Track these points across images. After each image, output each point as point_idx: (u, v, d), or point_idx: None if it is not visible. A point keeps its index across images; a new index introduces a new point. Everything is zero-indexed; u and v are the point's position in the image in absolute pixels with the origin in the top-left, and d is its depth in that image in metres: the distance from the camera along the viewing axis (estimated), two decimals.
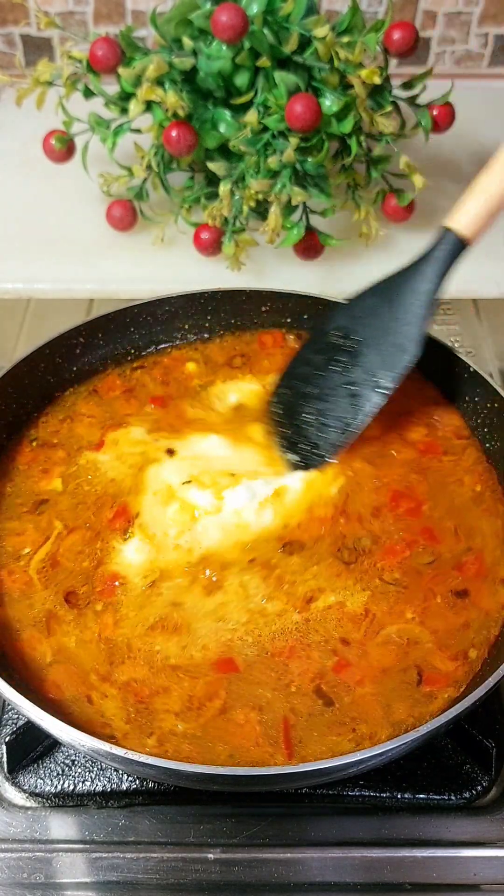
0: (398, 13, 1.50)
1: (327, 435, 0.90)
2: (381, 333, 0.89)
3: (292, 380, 0.94)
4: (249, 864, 0.73)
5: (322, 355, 0.92)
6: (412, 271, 0.88)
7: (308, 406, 0.91)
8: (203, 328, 1.04)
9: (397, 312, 0.88)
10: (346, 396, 0.89)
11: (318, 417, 0.91)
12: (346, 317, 0.92)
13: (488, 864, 0.74)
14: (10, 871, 0.73)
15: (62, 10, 1.50)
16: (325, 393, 0.91)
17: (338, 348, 0.91)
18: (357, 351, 0.90)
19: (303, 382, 0.93)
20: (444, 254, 0.86)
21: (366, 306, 0.90)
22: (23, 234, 1.28)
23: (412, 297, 0.87)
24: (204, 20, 1.10)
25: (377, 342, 0.89)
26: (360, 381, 0.89)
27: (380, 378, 0.88)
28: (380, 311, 0.89)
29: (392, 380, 0.88)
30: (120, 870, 0.73)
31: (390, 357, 0.88)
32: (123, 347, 1.02)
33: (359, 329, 0.90)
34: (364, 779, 0.76)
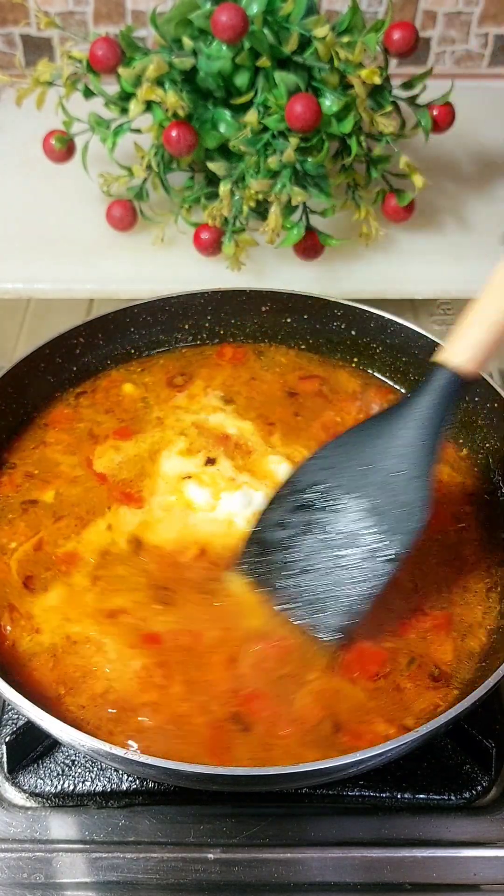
0: (398, 13, 1.50)
1: (327, 615, 0.75)
2: (377, 489, 0.74)
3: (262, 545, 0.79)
4: (249, 864, 0.73)
5: (298, 515, 0.77)
6: (407, 414, 0.73)
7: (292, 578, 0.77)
8: (203, 328, 1.04)
9: (394, 463, 0.73)
10: (338, 567, 0.74)
11: (310, 592, 0.75)
12: (323, 468, 0.77)
13: (488, 864, 0.74)
14: (10, 871, 0.73)
15: (62, 10, 1.50)
16: (311, 564, 0.76)
17: (317, 508, 0.76)
18: (346, 510, 0.74)
19: (278, 549, 0.77)
20: (444, 394, 0.73)
21: (350, 456, 0.76)
22: (23, 234, 1.28)
23: (410, 443, 0.73)
24: (204, 20, 1.10)
25: (372, 500, 0.74)
26: (359, 545, 0.74)
27: (387, 546, 0.73)
28: (366, 460, 0.74)
29: (404, 546, 0.73)
30: (120, 870, 0.73)
31: (395, 519, 0.73)
32: (124, 347, 1.02)
33: (344, 484, 0.75)
34: (364, 779, 0.76)
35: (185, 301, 1.02)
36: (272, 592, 0.78)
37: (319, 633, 0.75)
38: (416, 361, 0.99)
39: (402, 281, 1.22)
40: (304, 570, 0.76)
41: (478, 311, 0.73)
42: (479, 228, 1.30)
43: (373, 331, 1.00)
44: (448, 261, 1.25)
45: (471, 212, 1.32)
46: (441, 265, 1.24)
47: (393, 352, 1.00)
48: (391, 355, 1.01)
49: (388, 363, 1.01)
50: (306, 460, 0.79)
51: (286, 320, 1.04)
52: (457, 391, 0.73)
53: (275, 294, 1.02)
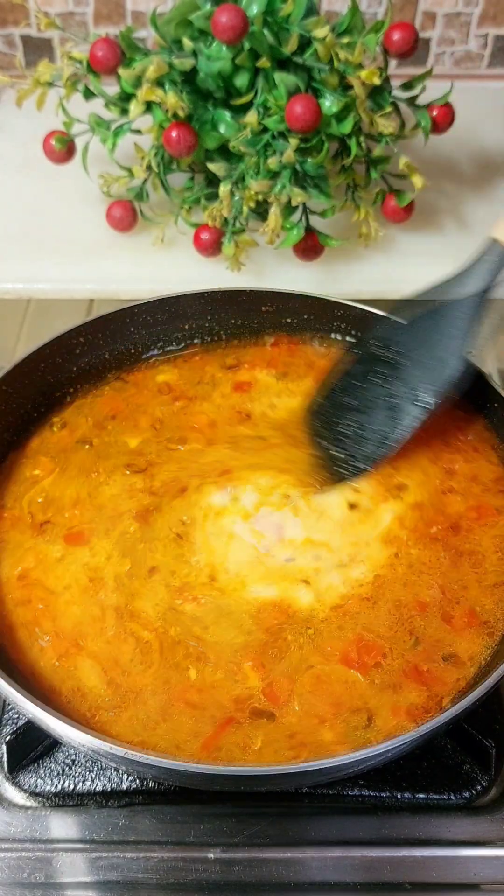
0: (398, 14, 1.51)
1: (365, 447, 0.86)
2: (423, 345, 0.85)
3: (332, 391, 0.91)
4: (249, 863, 0.73)
5: (362, 366, 0.89)
6: (457, 284, 0.84)
7: (347, 418, 0.88)
8: (203, 328, 1.04)
9: (440, 324, 0.84)
10: (386, 409, 0.86)
11: (357, 430, 0.87)
12: (388, 327, 0.89)
13: (488, 864, 0.74)
14: (11, 871, 0.73)
15: (62, 11, 1.51)
16: (364, 405, 0.87)
17: (378, 359, 0.87)
18: (397, 363, 0.86)
19: (342, 393, 0.90)
20: (492, 265, 0.83)
21: (409, 317, 0.88)
22: (23, 234, 1.28)
23: (456, 308, 0.84)
24: (204, 21, 1.10)
25: (419, 354, 0.85)
26: (399, 394, 0.86)
27: (420, 391, 0.85)
28: (422, 322, 0.85)
29: (433, 394, 0.84)
30: (120, 869, 0.73)
31: (431, 370, 0.84)
32: (125, 347, 1.02)
33: (400, 340, 0.87)
34: (364, 778, 0.76)
35: (186, 301, 1.02)
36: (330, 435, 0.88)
37: (356, 464, 0.85)
38: None
39: (401, 281, 1.21)
40: (359, 409, 0.87)
41: None
42: (479, 229, 1.30)
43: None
44: (447, 261, 1.23)
45: (470, 212, 1.32)
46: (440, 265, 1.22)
47: None
48: None
49: None
50: (375, 322, 0.91)
51: (287, 320, 1.04)
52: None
53: (276, 294, 1.02)
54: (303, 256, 1.20)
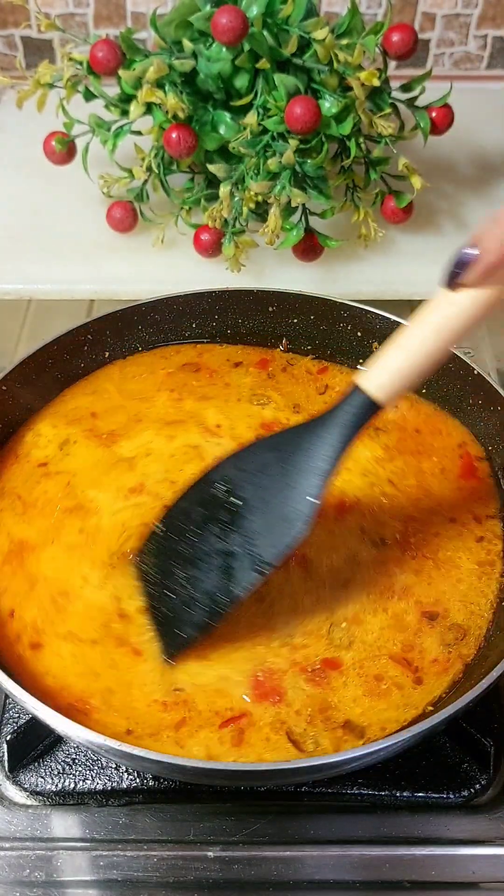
0: (397, 15, 1.51)
1: (192, 611, 0.75)
2: (268, 497, 0.74)
3: (167, 531, 0.79)
4: (249, 861, 0.73)
5: (202, 509, 0.77)
6: (313, 431, 0.73)
7: (178, 569, 0.77)
8: (209, 327, 1.04)
9: (290, 477, 0.73)
10: (220, 567, 0.74)
11: (187, 586, 0.76)
12: (235, 468, 0.77)
13: (486, 863, 0.74)
14: (11, 870, 0.73)
15: (63, 12, 1.51)
16: (197, 557, 0.76)
17: (220, 504, 0.76)
18: (239, 513, 0.75)
19: (176, 537, 0.78)
20: (350, 417, 0.72)
21: (258, 461, 0.76)
22: (24, 235, 1.29)
23: (308, 461, 0.72)
24: (204, 22, 1.10)
25: (263, 507, 0.74)
26: (237, 551, 0.74)
27: (259, 551, 0.73)
28: (271, 470, 0.74)
29: (273, 557, 0.73)
30: (120, 868, 0.73)
31: (275, 529, 0.73)
32: (132, 345, 1.02)
33: (245, 487, 0.75)
34: (363, 777, 0.77)
35: (193, 300, 1.03)
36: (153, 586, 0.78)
37: (182, 629, 0.75)
38: None
39: (400, 282, 1.22)
40: (191, 561, 0.76)
41: (402, 340, 0.70)
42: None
43: (379, 332, 1.00)
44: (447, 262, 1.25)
45: (469, 213, 1.32)
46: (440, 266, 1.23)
47: None
48: None
49: None
50: (226, 457, 0.78)
51: (292, 321, 1.04)
52: (367, 416, 0.72)
53: (282, 294, 1.03)
54: (302, 257, 1.21)
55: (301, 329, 1.04)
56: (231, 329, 1.05)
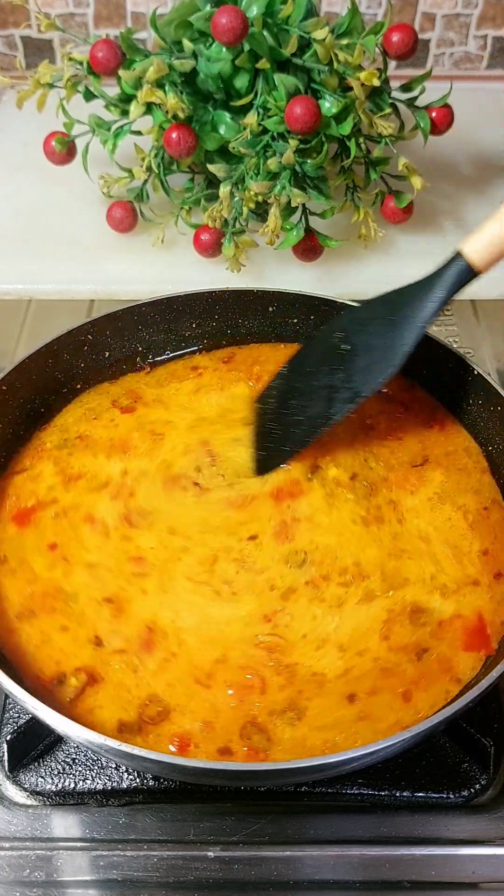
0: (397, 15, 1.51)
1: (296, 431, 0.89)
2: (374, 342, 0.87)
3: (290, 371, 0.94)
4: (249, 861, 0.73)
5: (319, 352, 0.91)
6: (418, 288, 0.85)
7: (292, 400, 0.91)
8: (210, 327, 1.05)
9: (394, 327, 0.86)
10: (325, 398, 0.88)
11: (295, 413, 0.90)
12: (350, 320, 0.91)
13: (486, 863, 0.74)
14: (11, 869, 0.73)
15: (63, 12, 1.51)
16: (308, 389, 0.90)
17: (334, 349, 0.90)
18: (348, 355, 0.88)
19: (295, 375, 0.92)
20: (450, 279, 0.84)
21: (370, 313, 0.89)
22: (24, 235, 1.29)
23: (411, 311, 0.85)
24: (204, 22, 1.10)
25: (368, 350, 0.87)
26: (339, 384, 0.88)
27: (357, 385, 0.87)
28: (379, 321, 0.87)
29: (369, 390, 0.87)
30: (120, 868, 0.73)
31: (374, 366, 0.87)
32: (132, 345, 1.03)
33: (357, 334, 0.89)
34: (363, 777, 0.77)
35: (194, 300, 1.03)
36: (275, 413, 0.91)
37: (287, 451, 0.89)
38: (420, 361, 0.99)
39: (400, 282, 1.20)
40: (303, 393, 0.90)
41: (499, 215, 0.80)
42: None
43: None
44: None
45: (469, 213, 1.32)
46: None
47: None
48: None
49: None
50: (345, 311, 0.94)
51: (292, 321, 1.04)
52: (465, 279, 0.83)
53: (282, 294, 1.03)
54: (302, 257, 1.21)
55: (301, 329, 1.04)
56: (231, 329, 1.05)
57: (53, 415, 0.97)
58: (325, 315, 1.02)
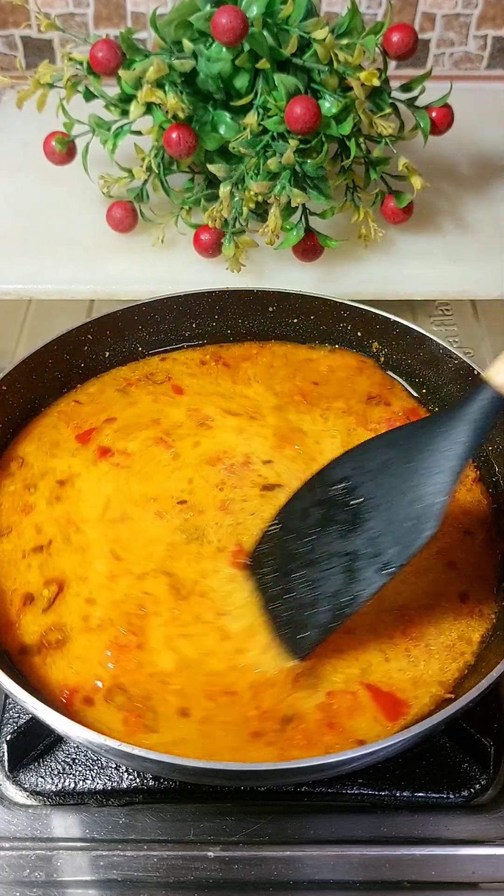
0: (397, 15, 1.51)
1: (316, 611, 0.73)
2: (392, 497, 0.71)
3: (284, 530, 0.78)
4: (249, 861, 0.73)
5: (319, 508, 0.75)
6: (439, 427, 0.70)
7: (297, 570, 0.75)
8: (210, 327, 1.05)
9: (417, 475, 0.70)
10: (342, 569, 0.72)
11: (307, 587, 0.74)
12: (353, 467, 0.75)
13: (486, 863, 0.74)
14: (11, 869, 0.73)
15: (63, 12, 1.51)
16: (317, 557, 0.74)
17: (339, 504, 0.74)
18: (360, 513, 0.72)
19: (294, 538, 0.76)
20: (481, 413, 0.69)
21: (378, 459, 0.73)
22: (24, 235, 1.29)
23: (436, 459, 0.69)
24: (204, 22, 1.10)
25: (388, 508, 0.71)
26: (361, 552, 0.71)
27: (386, 555, 0.70)
28: (394, 468, 0.71)
29: (402, 557, 0.70)
30: (120, 868, 0.73)
31: (401, 530, 0.70)
32: (132, 345, 1.03)
33: (366, 485, 0.73)
34: (363, 777, 0.77)
35: (193, 300, 1.03)
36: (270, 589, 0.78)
37: (308, 637, 0.74)
38: (420, 363, 0.99)
39: (400, 282, 1.22)
40: (312, 562, 0.74)
41: None
42: (478, 230, 1.30)
43: (379, 332, 1.01)
44: (446, 262, 1.25)
45: (469, 213, 1.32)
46: (439, 266, 1.24)
47: (398, 354, 1.01)
48: (397, 357, 1.01)
49: (394, 365, 1.02)
50: (341, 456, 0.77)
51: (292, 321, 1.04)
52: (497, 412, 0.70)
53: (282, 294, 1.03)
54: (302, 257, 1.21)
55: (301, 329, 1.04)
56: (231, 329, 1.05)
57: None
58: (326, 315, 1.02)
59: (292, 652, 0.75)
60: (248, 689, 0.74)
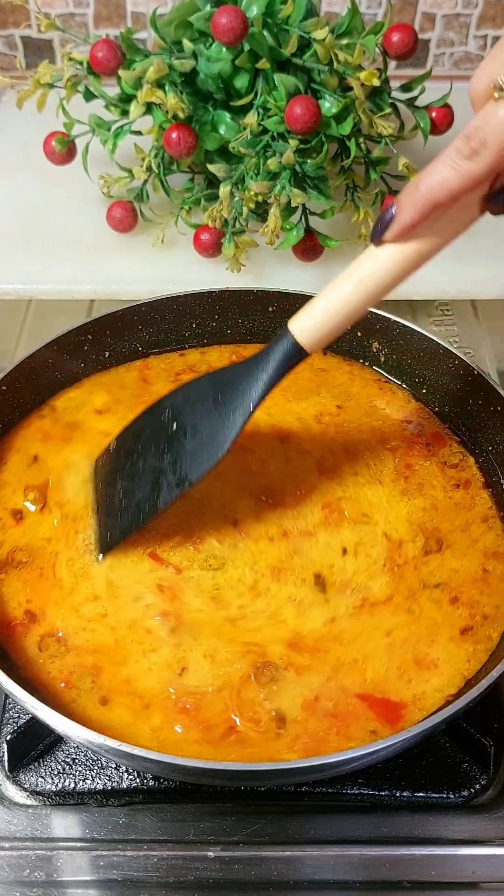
0: (397, 15, 1.51)
1: (120, 519, 0.83)
2: (200, 425, 0.80)
3: (118, 447, 0.87)
4: (249, 861, 0.73)
5: (149, 430, 0.85)
6: (247, 369, 0.79)
7: (119, 481, 0.85)
8: (210, 327, 1.05)
9: (220, 409, 0.79)
10: (152, 482, 0.81)
11: (123, 496, 0.83)
12: (181, 396, 0.84)
13: (486, 863, 0.74)
14: (11, 869, 0.73)
15: (63, 12, 1.51)
16: (136, 472, 0.83)
17: (162, 427, 0.83)
18: (175, 436, 0.82)
19: (123, 454, 0.86)
20: (278, 360, 0.76)
21: (199, 392, 0.82)
22: (24, 235, 1.29)
23: (237, 397, 0.78)
24: (204, 22, 1.10)
25: (193, 433, 0.81)
26: (166, 468, 0.81)
27: (185, 471, 0.80)
28: (207, 401, 0.81)
29: (196, 476, 0.79)
30: (120, 868, 0.73)
31: (200, 453, 0.80)
32: (132, 345, 1.03)
33: (184, 414, 0.82)
34: (363, 777, 0.77)
35: (193, 300, 1.03)
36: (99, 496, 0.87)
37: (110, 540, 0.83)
38: (420, 363, 0.99)
39: None
40: (130, 475, 0.83)
41: (327, 294, 0.74)
42: (478, 230, 1.28)
43: (379, 332, 1.01)
44: (446, 262, 1.22)
45: None
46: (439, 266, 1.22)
47: (398, 353, 1.01)
48: (396, 357, 1.01)
49: (394, 365, 1.02)
50: (179, 386, 0.85)
51: None
52: (294, 359, 0.76)
53: (282, 294, 1.03)
54: (302, 257, 1.21)
55: None
56: (231, 329, 1.05)
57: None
58: None
59: (100, 550, 0.84)
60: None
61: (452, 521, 0.87)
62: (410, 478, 0.91)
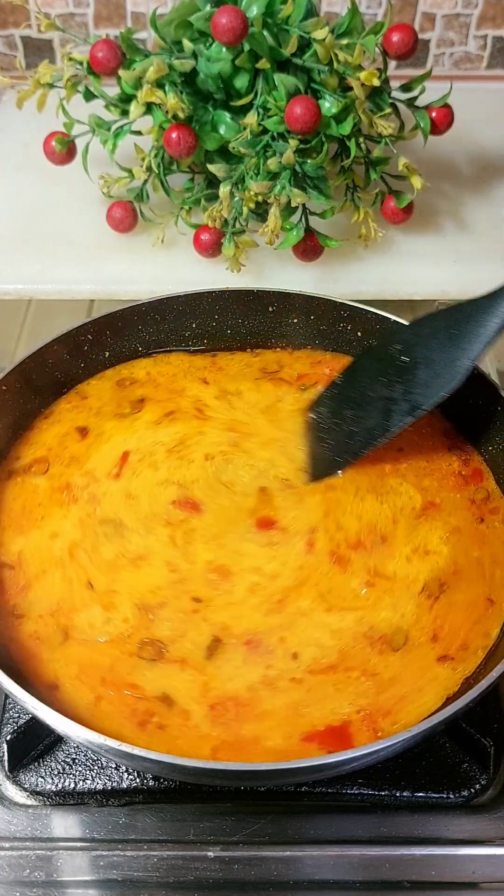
0: (397, 15, 1.51)
1: (350, 442, 0.90)
2: (435, 356, 0.87)
3: (344, 381, 0.94)
4: (249, 861, 0.73)
5: (376, 363, 0.92)
6: (481, 303, 0.85)
7: (347, 410, 0.92)
8: (210, 327, 1.05)
9: (456, 341, 0.85)
10: (381, 409, 0.89)
11: (350, 424, 0.91)
12: (410, 333, 0.91)
13: (486, 863, 0.74)
14: (11, 869, 0.73)
15: (63, 12, 1.51)
16: (365, 401, 0.90)
17: (392, 361, 0.90)
18: (407, 368, 0.88)
19: (350, 385, 0.93)
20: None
21: (430, 326, 0.89)
22: (24, 235, 1.29)
23: (475, 326, 0.84)
24: (204, 22, 1.10)
25: (428, 363, 0.87)
26: (398, 397, 0.88)
27: (417, 399, 0.87)
28: (440, 335, 0.87)
29: (429, 404, 0.87)
30: (120, 868, 0.73)
31: (434, 381, 0.86)
32: (132, 345, 1.03)
33: (417, 347, 0.89)
34: (363, 777, 0.77)
35: (193, 300, 1.03)
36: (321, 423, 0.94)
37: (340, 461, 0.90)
38: None
39: (400, 282, 1.22)
40: (358, 403, 0.91)
41: None
42: (478, 230, 1.30)
43: (379, 332, 1.01)
44: (446, 262, 1.25)
45: (469, 213, 1.32)
46: (440, 266, 1.24)
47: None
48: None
49: None
50: (407, 324, 0.93)
51: (292, 321, 1.04)
52: None
53: (282, 294, 1.03)
54: (302, 257, 1.21)
55: (301, 329, 1.04)
56: (231, 329, 1.05)
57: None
58: (326, 315, 1.02)
59: (315, 474, 0.91)
60: None
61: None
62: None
